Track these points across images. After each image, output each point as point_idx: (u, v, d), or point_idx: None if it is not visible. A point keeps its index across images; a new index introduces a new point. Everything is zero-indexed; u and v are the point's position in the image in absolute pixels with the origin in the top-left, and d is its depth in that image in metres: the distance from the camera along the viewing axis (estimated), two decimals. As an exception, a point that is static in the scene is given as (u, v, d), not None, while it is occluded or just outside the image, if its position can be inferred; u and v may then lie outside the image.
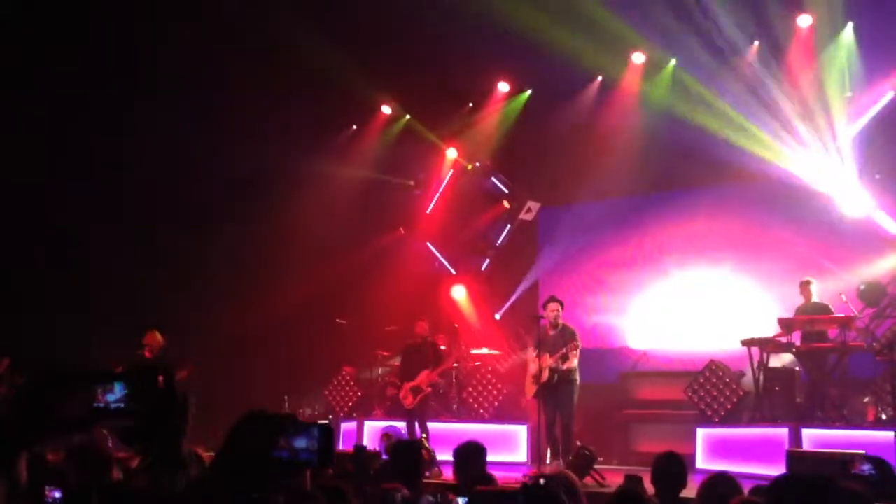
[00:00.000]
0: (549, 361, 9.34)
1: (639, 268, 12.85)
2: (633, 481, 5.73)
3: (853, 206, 11.27)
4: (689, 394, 10.42)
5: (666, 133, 11.86)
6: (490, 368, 12.35)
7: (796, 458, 7.42)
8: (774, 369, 9.97)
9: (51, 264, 12.18)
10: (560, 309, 9.69)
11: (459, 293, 14.38)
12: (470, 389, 12.22)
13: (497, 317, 14.04)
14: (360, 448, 7.93)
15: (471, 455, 5.27)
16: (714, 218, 11.96)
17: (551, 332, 9.59)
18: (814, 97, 11.38)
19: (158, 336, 9.98)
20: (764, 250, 11.81)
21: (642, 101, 12.50)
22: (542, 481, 3.67)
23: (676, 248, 12.53)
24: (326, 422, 2.34)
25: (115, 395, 1.85)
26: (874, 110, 11.37)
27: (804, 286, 10.08)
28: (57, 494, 3.14)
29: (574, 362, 9.40)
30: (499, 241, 14.68)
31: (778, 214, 11.66)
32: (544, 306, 9.80)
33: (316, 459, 2.15)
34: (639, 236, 12.63)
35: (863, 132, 11.40)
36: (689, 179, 12.05)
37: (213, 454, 2.38)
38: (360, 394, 12.70)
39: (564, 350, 9.32)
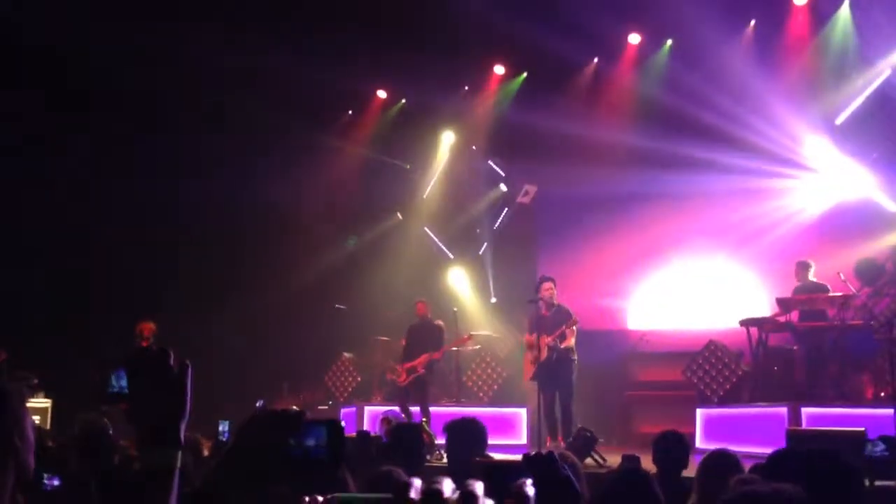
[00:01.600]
0: (547, 340, 9.30)
1: (638, 249, 12.80)
2: (630, 461, 5.72)
3: (850, 186, 11.25)
4: (688, 374, 10.43)
5: (663, 114, 11.80)
6: (489, 352, 12.36)
7: (796, 436, 7.45)
8: (773, 348, 9.98)
9: (50, 260, 12.16)
10: (554, 287, 9.59)
11: (457, 277, 14.36)
12: (469, 373, 12.24)
13: (493, 300, 14.02)
14: (363, 433, 7.96)
15: (467, 435, 4.56)
16: (713, 198, 11.93)
17: (547, 313, 9.51)
18: (811, 76, 11.32)
19: (151, 324, 10.05)
20: (763, 231, 11.78)
21: (639, 82, 12.43)
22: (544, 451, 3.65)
23: (675, 228, 12.49)
24: (335, 419, 2.36)
25: (124, 379, 1.94)
26: (871, 89, 11.32)
27: (801, 268, 10.05)
28: (56, 482, 3.11)
29: (572, 341, 9.35)
30: (496, 225, 14.64)
31: (777, 195, 11.63)
32: (538, 286, 9.65)
33: (325, 457, 2.18)
34: (637, 218, 12.57)
35: (860, 111, 11.36)
36: (686, 160, 12.00)
37: (209, 441, 2.37)
38: (359, 379, 12.70)
39: (563, 328, 9.28)
